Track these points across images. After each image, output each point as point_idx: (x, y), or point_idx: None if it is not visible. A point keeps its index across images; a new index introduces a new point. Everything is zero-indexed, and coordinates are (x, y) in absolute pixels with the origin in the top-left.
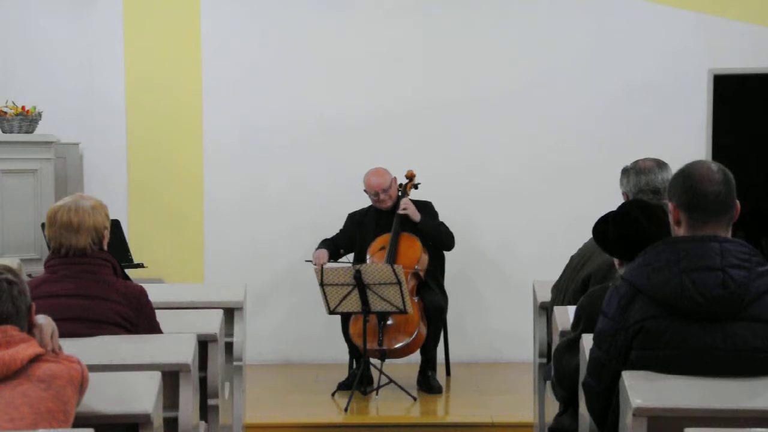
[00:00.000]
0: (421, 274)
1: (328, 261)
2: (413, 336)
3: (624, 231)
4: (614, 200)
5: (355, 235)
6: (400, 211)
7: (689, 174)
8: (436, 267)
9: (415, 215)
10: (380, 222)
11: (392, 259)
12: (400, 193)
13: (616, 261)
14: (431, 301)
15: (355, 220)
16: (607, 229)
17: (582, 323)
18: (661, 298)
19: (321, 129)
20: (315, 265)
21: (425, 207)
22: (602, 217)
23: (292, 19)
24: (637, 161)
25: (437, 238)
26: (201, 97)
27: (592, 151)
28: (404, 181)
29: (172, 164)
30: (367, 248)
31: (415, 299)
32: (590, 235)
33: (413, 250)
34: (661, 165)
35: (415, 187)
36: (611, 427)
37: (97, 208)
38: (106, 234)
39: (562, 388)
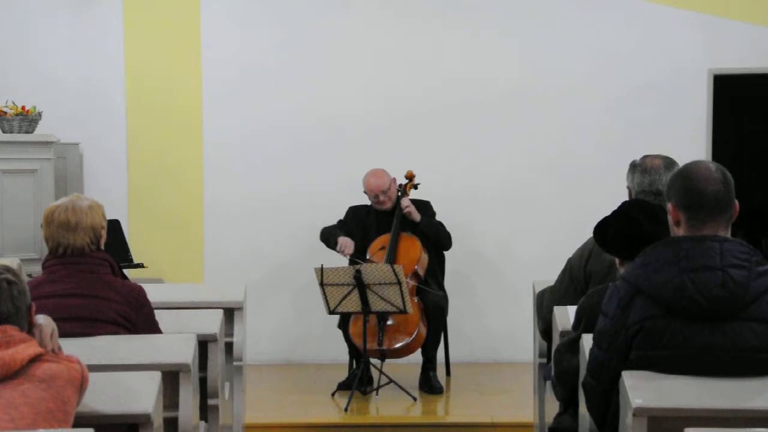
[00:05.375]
0: (421, 274)
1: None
2: (413, 336)
3: (624, 231)
4: (615, 200)
5: (354, 231)
6: (403, 209)
7: (688, 174)
8: (436, 267)
9: (416, 215)
10: (381, 222)
11: (392, 259)
12: (399, 194)
13: (616, 261)
14: (431, 301)
15: (356, 215)
16: (607, 229)
17: (582, 323)
18: (661, 298)
19: (321, 130)
20: (342, 253)
21: (424, 206)
22: (603, 217)
23: (293, 21)
24: (645, 157)
25: (436, 237)
26: (201, 97)
27: (592, 151)
28: (404, 181)
29: (172, 164)
30: (368, 248)
31: (416, 299)
32: (590, 236)
33: (413, 250)
34: (668, 165)
35: (415, 187)
36: (611, 427)
37: (94, 208)
38: (104, 234)
39: (563, 388)
